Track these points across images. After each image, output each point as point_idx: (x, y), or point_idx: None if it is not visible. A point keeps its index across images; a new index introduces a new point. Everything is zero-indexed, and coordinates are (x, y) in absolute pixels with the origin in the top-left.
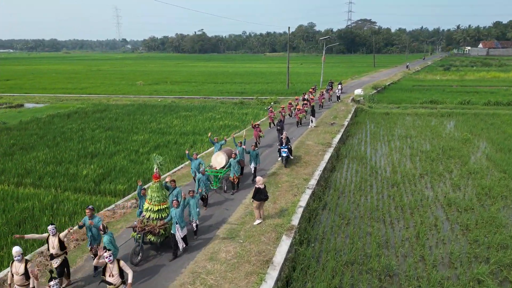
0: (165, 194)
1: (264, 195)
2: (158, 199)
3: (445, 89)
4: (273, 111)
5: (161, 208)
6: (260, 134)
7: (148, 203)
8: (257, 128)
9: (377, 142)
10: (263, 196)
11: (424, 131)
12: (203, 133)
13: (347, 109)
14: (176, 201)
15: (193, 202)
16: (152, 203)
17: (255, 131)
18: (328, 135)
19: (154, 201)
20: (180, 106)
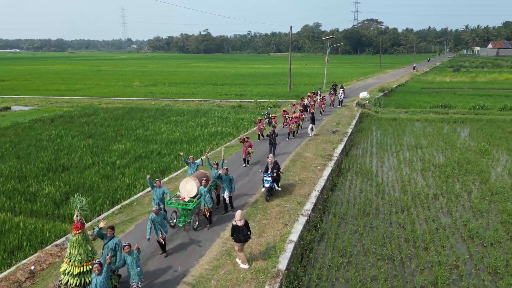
0: (91, 250)
1: (244, 234)
2: (80, 258)
3: (456, 92)
4: (262, 121)
5: (84, 270)
6: (249, 150)
7: (67, 263)
8: (246, 143)
9: (384, 152)
10: (242, 236)
11: (436, 140)
12: (191, 142)
13: (351, 114)
14: (128, 247)
15: (130, 260)
16: (71, 264)
17: (244, 147)
18: (329, 145)
19: (74, 260)
20: (173, 110)
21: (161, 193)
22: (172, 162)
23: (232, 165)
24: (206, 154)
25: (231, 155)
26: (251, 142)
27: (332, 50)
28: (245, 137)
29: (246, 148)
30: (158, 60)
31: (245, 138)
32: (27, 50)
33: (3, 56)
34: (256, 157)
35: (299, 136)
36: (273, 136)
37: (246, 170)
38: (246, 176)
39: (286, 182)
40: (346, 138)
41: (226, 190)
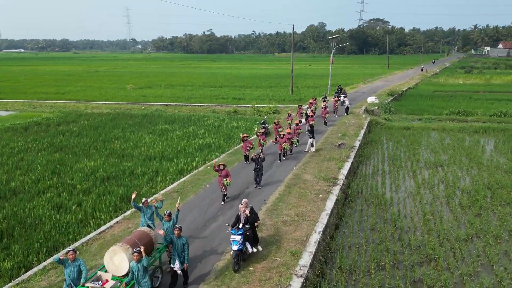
0: None
1: None
2: None
3: (471, 96)
4: (249, 138)
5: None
6: (225, 182)
7: None
8: (222, 172)
9: (399, 171)
10: None
11: (458, 155)
12: (173, 157)
13: (359, 123)
14: None
15: None
16: None
17: (219, 177)
18: (333, 163)
19: None
20: (162, 116)
21: (76, 272)
22: (143, 187)
23: (202, 202)
24: (159, 196)
25: (204, 187)
26: (228, 171)
27: (337, 50)
28: (220, 164)
29: (222, 179)
30: (159, 60)
31: (220, 165)
32: (31, 51)
33: (6, 56)
34: (237, 187)
35: (296, 152)
36: (259, 161)
37: (221, 209)
38: (215, 221)
39: (278, 218)
40: (354, 154)
41: (176, 260)
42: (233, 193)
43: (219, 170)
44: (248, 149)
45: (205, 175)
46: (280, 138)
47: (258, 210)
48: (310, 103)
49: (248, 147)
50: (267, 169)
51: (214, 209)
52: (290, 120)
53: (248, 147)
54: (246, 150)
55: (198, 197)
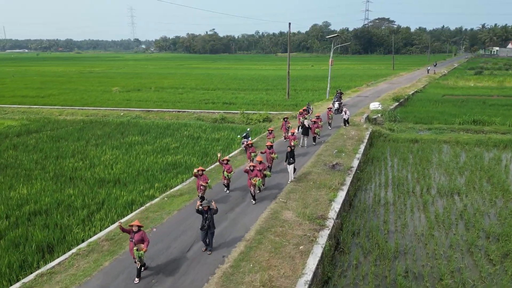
0: None
1: None
2: None
3: (485, 101)
4: (229, 162)
5: None
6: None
7: None
8: (137, 233)
9: (406, 201)
10: None
11: (477, 177)
12: (130, 182)
13: (359, 135)
14: None
15: None
16: None
17: (130, 246)
18: (324, 193)
19: None
20: (138, 125)
21: None
22: (74, 228)
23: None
24: None
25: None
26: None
27: (341, 50)
28: (136, 224)
29: (132, 246)
30: (160, 61)
31: (136, 224)
32: (35, 50)
33: (7, 56)
34: (174, 251)
35: (278, 176)
36: (209, 214)
37: None
38: None
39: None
40: (351, 178)
41: None
42: (168, 258)
43: (130, 232)
44: (202, 188)
45: (158, 211)
46: (250, 172)
47: (208, 279)
48: (300, 113)
49: (201, 186)
50: (238, 202)
51: None
52: (272, 137)
53: (201, 186)
54: (200, 190)
55: None
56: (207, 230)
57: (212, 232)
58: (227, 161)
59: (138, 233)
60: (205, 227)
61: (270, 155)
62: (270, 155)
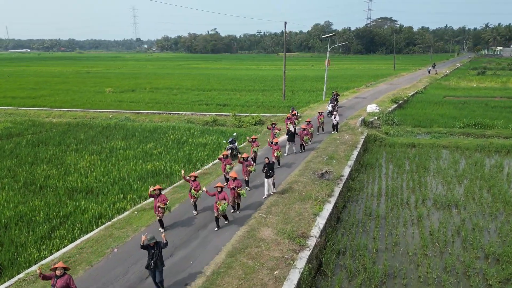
0: None
1: None
2: None
3: (487, 102)
4: (197, 178)
5: None
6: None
7: None
8: (61, 278)
9: (398, 215)
10: None
11: (477, 187)
12: (103, 192)
13: (353, 140)
14: None
15: None
16: None
17: None
18: (308, 206)
19: None
20: (125, 128)
21: None
22: (29, 246)
23: None
24: None
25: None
26: None
27: (343, 50)
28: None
29: None
30: (160, 60)
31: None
32: (37, 50)
33: (8, 56)
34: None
35: (257, 194)
36: (156, 249)
37: None
38: None
39: None
40: (340, 188)
41: None
42: (123, 286)
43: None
44: (160, 210)
45: (124, 227)
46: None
47: None
48: (288, 118)
49: (159, 207)
50: (207, 222)
51: None
52: (256, 146)
53: (159, 207)
54: (159, 212)
55: (89, 277)
56: (154, 269)
57: (160, 271)
58: (195, 178)
59: (62, 278)
60: (151, 265)
61: (246, 168)
62: (246, 168)
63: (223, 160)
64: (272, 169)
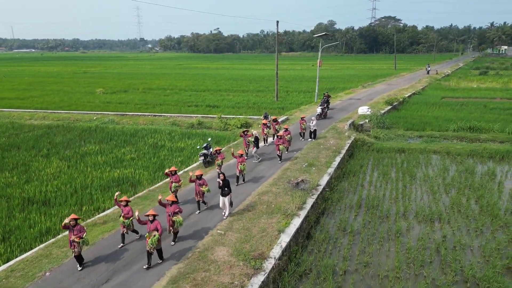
0: None
1: None
2: None
3: (486, 104)
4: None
5: None
6: None
7: None
8: None
9: (375, 229)
10: None
11: (464, 197)
12: (59, 203)
13: (338, 144)
14: None
15: None
16: None
17: None
18: (275, 221)
19: None
20: (105, 131)
21: None
22: None
23: None
24: None
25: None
26: None
27: (346, 49)
28: None
29: None
30: (161, 60)
31: None
32: (41, 50)
33: (12, 56)
34: None
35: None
36: None
37: None
38: None
39: None
40: (314, 199)
41: None
42: None
43: None
44: (75, 244)
45: (66, 246)
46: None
47: None
48: (264, 124)
49: (73, 242)
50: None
51: None
52: (220, 159)
53: (73, 242)
54: (73, 247)
55: None
56: None
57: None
58: (127, 203)
59: None
60: None
61: (199, 188)
62: (199, 188)
63: (170, 176)
64: (228, 186)
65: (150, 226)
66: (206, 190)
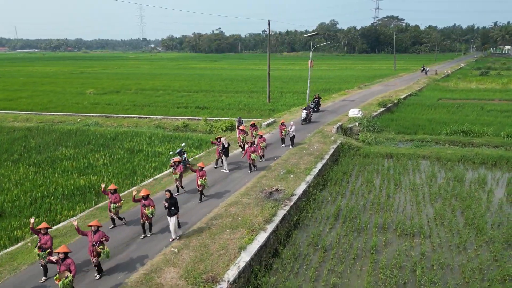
0: None
1: None
2: None
3: (483, 106)
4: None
5: None
6: None
7: None
8: None
9: (350, 245)
10: None
11: (450, 209)
12: (13, 215)
13: (323, 149)
14: None
15: None
16: None
17: None
18: (238, 235)
19: None
20: (84, 135)
21: None
22: None
23: None
24: None
25: None
26: None
27: (348, 49)
28: None
29: None
30: (161, 60)
31: None
32: (44, 50)
33: (14, 56)
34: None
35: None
36: None
37: None
38: None
39: None
40: (286, 211)
41: None
42: None
43: None
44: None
45: (3, 265)
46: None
47: None
48: (241, 130)
49: None
50: (120, 251)
51: None
52: (178, 172)
53: None
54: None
55: None
56: None
57: None
58: (46, 230)
59: None
60: None
61: (143, 209)
62: (143, 209)
63: (109, 195)
64: (174, 205)
65: (61, 267)
66: (149, 212)
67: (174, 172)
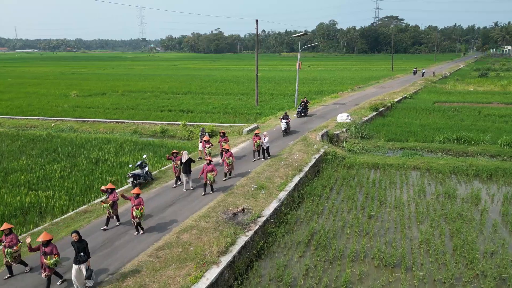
0: None
1: None
2: None
3: (481, 109)
4: None
5: None
6: None
7: None
8: None
9: (318, 280)
10: None
11: (438, 232)
12: None
13: (303, 159)
14: None
15: None
16: None
17: None
18: (184, 272)
19: None
20: (53, 141)
21: None
22: None
23: None
24: None
25: None
26: None
27: (348, 49)
28: None
29: None
30: (158, 60)
31: None
32: (43, 50)
33: (11, 56)
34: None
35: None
36: None
37: None
38: None
39: None
40: (248, 238)
41: None
42: None
43: None
44: None
45: None
46: None
47: None
48: (206, 141)
49: None
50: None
51: None
52: (111, 200)
53: None
54: None
55: None
56: None
57: None
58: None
59: None
60: None
61: (44, 259)
62: (44, 259)
63: (4, 238)
64: (84, 251)
65: None
66: (51, 263)
67: (106, 200)
